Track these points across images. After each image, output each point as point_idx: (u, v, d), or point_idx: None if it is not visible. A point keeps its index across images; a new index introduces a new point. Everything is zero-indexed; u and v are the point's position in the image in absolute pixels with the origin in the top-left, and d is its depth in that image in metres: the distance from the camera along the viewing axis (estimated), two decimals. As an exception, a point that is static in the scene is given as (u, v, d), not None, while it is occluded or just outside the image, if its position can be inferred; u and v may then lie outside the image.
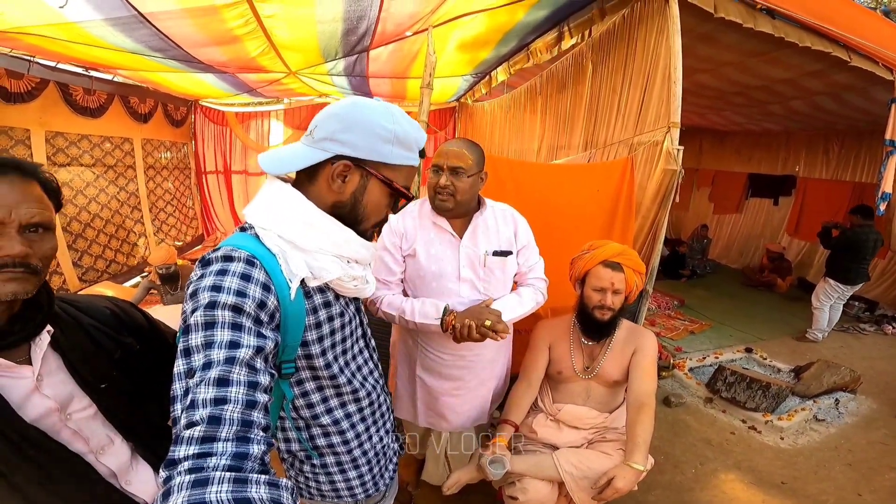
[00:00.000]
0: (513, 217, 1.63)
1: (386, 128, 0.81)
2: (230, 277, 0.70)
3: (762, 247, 6.88)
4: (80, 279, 4.46)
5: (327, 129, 0.81)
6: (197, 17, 2.54)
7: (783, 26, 2.52)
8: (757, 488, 2.38)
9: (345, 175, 0.83)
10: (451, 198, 1.44)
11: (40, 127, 4.00)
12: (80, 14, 2.40)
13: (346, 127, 0.81)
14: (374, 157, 0.82)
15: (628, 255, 1.69)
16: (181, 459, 0.54)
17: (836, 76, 3.52)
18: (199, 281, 0.71)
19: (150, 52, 3.14)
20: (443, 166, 1.44)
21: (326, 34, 3.00)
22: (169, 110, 5.99)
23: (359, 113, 0.82)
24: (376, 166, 0.84)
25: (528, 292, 1.62)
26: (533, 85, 3.96)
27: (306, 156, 0.82)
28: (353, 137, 0.81)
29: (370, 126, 0.81)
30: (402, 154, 0.85)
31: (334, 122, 0.81)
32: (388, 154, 0.83)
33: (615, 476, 1.46)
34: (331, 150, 0.81)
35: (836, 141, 6.14)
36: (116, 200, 5.09)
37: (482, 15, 2.84)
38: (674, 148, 2.03)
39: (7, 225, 0.67)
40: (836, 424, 3.01)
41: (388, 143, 0.82)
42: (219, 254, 0.74)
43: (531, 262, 1.66)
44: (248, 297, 0.70)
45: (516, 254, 1.61)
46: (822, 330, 4.39)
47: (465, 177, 1.43)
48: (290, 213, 0.81)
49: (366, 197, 0.86)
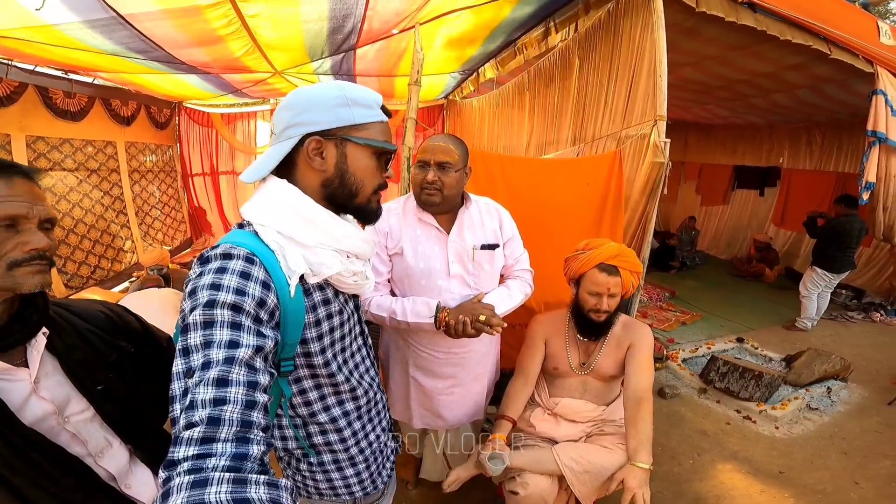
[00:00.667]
0: (497, 210, 1.64)
1: (336, 95, 0.83)
2: (229, 275, 0.70)
3: (749, 237, 6.99)
4: (65, 285, 4.38)
5: (283, 120, 0.83)
6: (178, 17, 2.49)
7: (765, 20, 2.55)
8: (754, 478, 2.40)
9: (320, 150, 0.83)
10: (438, 193, 1.44)
11: (20, 131, 3.92)
12: (57, 16, 2.34)
13: (300, 110, 0.82)
14: (340, 123, 0.83)
15: (625, 257, 1.66)
16: (180, 460, 0.54)
17: (817, 69, 3.58)
18: (198, 279, 0.70)
19: (131, 53, 3.08)
20: (429, 161, 1.43)
21: (312, 33, 2.97)
22: (152, 112, 5.89)
23: (306, 94, 0.84)
24: (345, 131, 0.84)
25: (517, 284, 1.63)
26: (521, 81, 3.96)
27: (276, 152, 0.83)
28: (311, 115, 0.82)
29: (321, 99, 0.82)
30: (365, 113, 0.85)
31: (287, 111, 0.83)
32: (351, 116, 0.83)
33: (626, 477, 1.46)
34: (295, 134, 0.82)
35: (818, 133, 6.24)
36: (101, 205, 5.00)
37: (468, 12, 2.83)
38: (661, 141, 2.05)
39: (30, 220, 0.72)
40: (829, 413, 3.05)
41: (344, 106, 0.82)
42: (218, 251, 0.74)
43: (517, 254, 1.66)
44: (247, 295, 0.69)
45: (503, 246, 1.62)
46: (811, 318, 4.46)
47: (452, 171, 1.43)
48: (289, 209, 0.81)
49: (350, 164, 0.85)
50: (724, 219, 7.77)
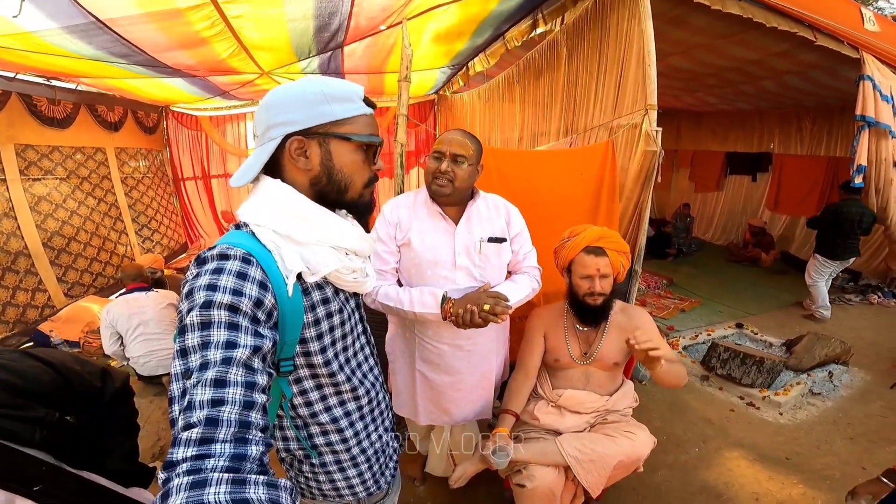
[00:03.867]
0: (505, 206, 1.67)
1: (313, 91, 0.81)
2: (226, 276, 0.69)
3: (744, 223, 7.02)
4: (65, 295, 4.36)
5: (262, 122, 0.82)
6: (160, 20, 2.46)
7: (750, 7, 2.57)
8: (761, 465, 2.40)
9: (303, 149, 0.82)
10: (449, 184, 1.48)
11: (8, 140, 3.87)
12: (35, 23, 2.30)
13: (278, 111, 0.80)
14: (320, 121, 0.81)
15: (609, 238, 1.70)
16: (179, 461, 0.54)
17: (803, 56, 3.59)
18: (195, 280, 0.69)
19: (113, 58, 3.03)
20: (445, 153, 1.48)
21: (298, 32, 2.94)
22: (140, 117, 5.83)
23: (282, 94, 0.81)
24: (327, 128, 0.82)
25: (524, 279, 1.64)
26: (510, 74, 3.95)
27: (260, 154, 0.82)
28: (290, 115, 0.80)
29: (298, 98, 0.81)
30: (345, 107, 0.83)
31: (265, 113, 0.82)
32: (330, 112, 0.81)
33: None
34: (276, 135, 0.81)
35: (808, 118, 6.26)
36: (97, 213, 4.97)
37: (455, 6, 2.81)
38: (652, 130, 2.05)
39: None
40: (832, 397, 3.06)
41: (323, 103, 0.81)
42: (214, 252, 0.73)
43: (525, 250, 1.68)
44: (244, 295, 0.69)
45: (510, 241, 1.64)
46: (825, 306, 4.37)
47: (465, 165, 1.48)
48: (283, 208, 0.80)
49: (336, 161, 0.84)
50: (718, 205, 7.80)
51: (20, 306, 3.86)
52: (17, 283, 3.85)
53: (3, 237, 3.77)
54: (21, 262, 3.91)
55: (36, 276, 4.05)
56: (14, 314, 3.80)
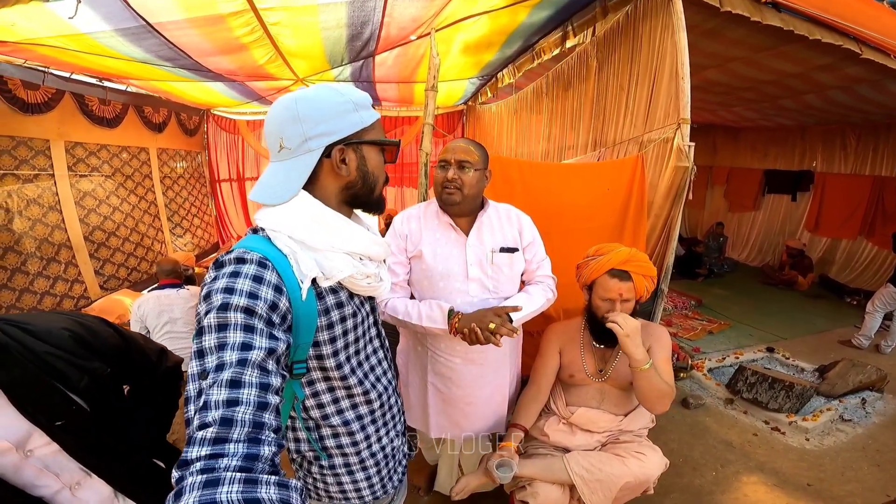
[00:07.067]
0: (517, 216, 1.64)
1: (342, 102, 0.84)
2: (242, 279, 0.71)
3: (781, 244, 6.73)
4: (101, 287, 4.55)
5: (298, 133, 0.82)
6: (203, 26, 2.58)
7: (791, 19, 2.47)
8: (781, 490, 2.30)
9: (344, 158, 0.85)
10: (458, 191, 1.47)
11: (59, 137, 4.08)
12: (90, 25, 2.44)
13: (314, 122, 0.82)
14: (355, 129, 0.86)
15: (636, 261, 1.62)
16: (193, 460, 0.55)
17: (848, 69, 3.43)
18: (213, 283, 0.72)
19: (160, 61, 3.19)
20: (450, 160, 1.48)
21: (331, 40, 3.02)
22: (182, 119, 6.08)
23: (312, 105, 0.82)
24: (360, 135, 0.87)
25: (538, 289, 1.61)
26: (539, 86, 3.94)
27: (300, 168, 0.83)
28: (328, 125, 0.83)
29: (331, 108, 0.83)
30: (368, 114, 0.88)
31: (299, 125, 0.81)
32: (360, 120, 0.86)
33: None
34: (317, 146, 0.83)
35: (852, 135, 5.97)
36: (137, 210, 5.19)
37: (485, 17, 2.84)
38: (685, 144, 1.99)
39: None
40: (863, 424, 2.91)
41: (353, 111, 0.85)
42: (231, 256, 0.75)
43: (539, 259, 1.64)
44: (259, 298, 0.71)
45: (522, 250, 1.61)
46: (868, 337, 4.13)
47: (471, 171, 1.47)
48: (299, 214, 0.82)
49: (368, 165, 0.89)
50: (754, 225, 7.49)
51: (58, 296, 4.05)
52: (58, 274, 4.05)
53: (48, 229, 3.97)
54: (63, 253, 4.11)
55: (76, 267, 4.25)
56: (51, 303, 3.98)
